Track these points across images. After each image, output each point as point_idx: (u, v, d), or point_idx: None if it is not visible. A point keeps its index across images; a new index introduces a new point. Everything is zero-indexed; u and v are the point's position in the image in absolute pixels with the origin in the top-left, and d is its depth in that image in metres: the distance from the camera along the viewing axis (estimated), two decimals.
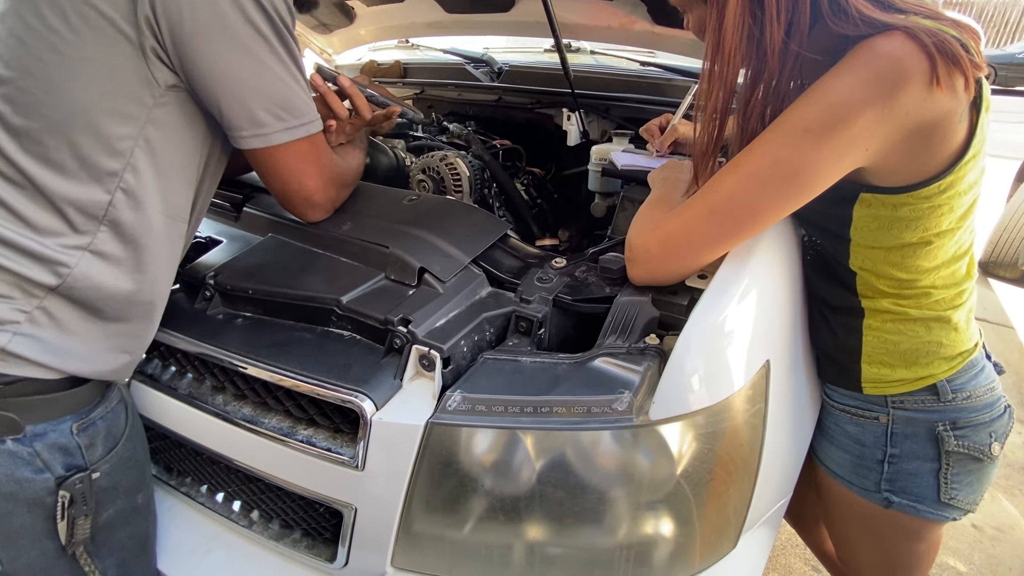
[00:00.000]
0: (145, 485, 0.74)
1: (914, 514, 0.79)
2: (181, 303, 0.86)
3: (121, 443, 0.69)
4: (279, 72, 0.68)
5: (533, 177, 1.47)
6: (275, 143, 0.70)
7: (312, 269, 0.83)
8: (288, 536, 0.78)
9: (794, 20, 0.61)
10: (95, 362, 0.65)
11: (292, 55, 0.69)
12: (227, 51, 0.64)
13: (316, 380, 0.68)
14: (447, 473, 0.64)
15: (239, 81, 0.65)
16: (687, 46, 1.38)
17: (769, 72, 0.64)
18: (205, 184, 0.74)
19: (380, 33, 1.83)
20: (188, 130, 0.68)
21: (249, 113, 0.67)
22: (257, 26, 0.64)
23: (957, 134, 0.61)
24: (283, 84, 0.69)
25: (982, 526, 1.67)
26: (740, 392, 0.65)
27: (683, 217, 0.68)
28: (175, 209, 0.69)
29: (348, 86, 0.89)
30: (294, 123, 0.71)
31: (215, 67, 0.64)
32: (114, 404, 0.69)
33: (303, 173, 0.77)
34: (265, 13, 0.64)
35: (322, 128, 0.76)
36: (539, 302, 0.75)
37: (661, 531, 0.65)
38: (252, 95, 0.67)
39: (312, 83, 0.87)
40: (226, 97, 0.66)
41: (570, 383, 0.64)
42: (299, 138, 0.72)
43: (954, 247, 0.71)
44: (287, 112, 0.70)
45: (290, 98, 0.70)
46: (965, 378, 0.75)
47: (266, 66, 0.66)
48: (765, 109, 0.66)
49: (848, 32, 0.60)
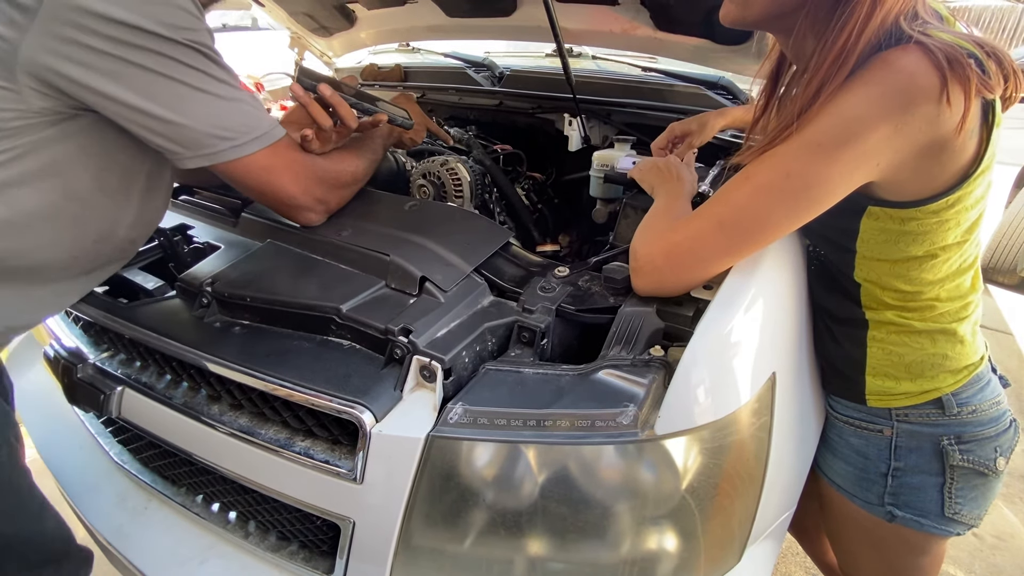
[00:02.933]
0: (3, 442, 0.72)
1: (918, 528, 0.78)
2: (178, 310, 0.85)
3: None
4: (214, 93, 0.67)
5: (534, 182, 1.46)
6: (223, 160, 0.70)
7: (311, 276, 0.82)
8: (285, 548, 0.77)
9: None
10: None
11: (222, 73, 0.69)
12: (149, 90, 0.64)
13: (314, 390, 0.67)
14: (448, 487, 0.63)
15: (171, 112, 0.65)
16: (689, 52, 1.37)
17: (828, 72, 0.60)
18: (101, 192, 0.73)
19: (381, 36, 1.82)
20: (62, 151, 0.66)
21: (189, 139, 0.67)
22: (174, 58, 0.64)
23: (967, 150, 0.61)
24: (219, 104, 0.68)
25: (982, 535, 1.66)
26: (746, 405, 0.64)
27: (690, 228, 0.67)
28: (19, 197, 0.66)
29: (329, 95, 0.86)
30: (241, 140, 0.71)
31: (134, 103, 0.64)
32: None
33: (276, 181, 0.77)
34: (176, 43, 0.64)
35: (282, 135, 0.76)
36: (542, 312, 0.74)
37: (665, 546, 0.64)
38: (188, 122, 0.66)
39: (292, 93, 0.86)
40: (159, 127, 0.66)
41: (573, 395, 0.63)
42: (254, 152, 0.72)
43: (959, 260, 0.70)
44: (229, 131, 0.70)
45: (231, 116, 0.70)
46: (971, 392, 0.74)
47: (197, 91, 0.66)
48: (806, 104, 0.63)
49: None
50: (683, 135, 1.08)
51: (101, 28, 0.60)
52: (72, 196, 0.70)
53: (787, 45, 0.71)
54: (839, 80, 0.60)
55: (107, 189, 0.73)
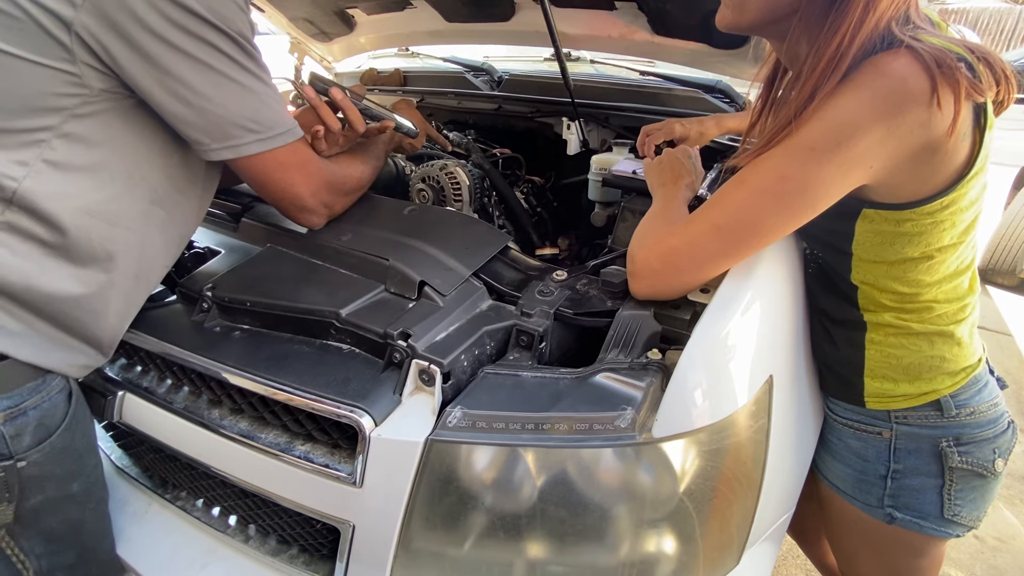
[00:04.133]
0: (83, 474, 0.73)
1: (917, 530, 0.78)
2: (178, 315, 0.85)
3: (57, 434, 0.67)
4: (248, 85, 0.68)
5: (533, 186, 1.46)
6: (247, 154, 0.71)
7: (311, 281, 0.83)
8: (285, 552, 0.77)
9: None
10: (28, 345, 0.64)
11: (257, 68, 0.70)
12: (187, 74, 0.64)
13: (314, 395, 0.67)
14: (447, 490, 0.63)
15: (203, 99, 0.66)
16: (686, 56, 1.38)
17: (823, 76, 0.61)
18: (177, 191, 0.74)
19: (380, 41, 1.83)
20: (129, 135, 0.67)
21: (217, 128, 0.68)
22: (216, 46, 0.65)
23: (960, 152, 0.61)
24: (252, 97, 0.69)
25: (983, 536, 1.66)
26: (743, 408, 0.65)
27: (687, 232, 0.68)
28: (114, 213, 0.67)
29: (340, 99, 0.88)
30: (267, 134, 0.72)
31: (175, 89, 0.64)
32: (54, 394, 0.67)
33: (289, 180, 0.78)
34: (221, 32, 0.65)
35: (301, 135, 0.77)
36: (540, 316, 0.74)
37: (664, 549, 0.64)
38: (219, 110, 0.67)
39: (304, 94, 0.88)
40: (190, 114, 0.66)
41: (572, 399, 0.63)
42: (276, 147, 0.73)
43: (956, 262, 0.71)
44: (258, 124, 0.70)
45: (260, 110, 0.70)
46: (969, 394, 0.74)
47: (232, 81, 0.67)
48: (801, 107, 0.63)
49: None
50: (681, 139, 1.09)
51: (157, 2, 0.61)
52: (157, 200, 0.71)
53: (781, 50, 0.72)
54: (833, 83, 0.60)
55: (181, 188, 0.74)
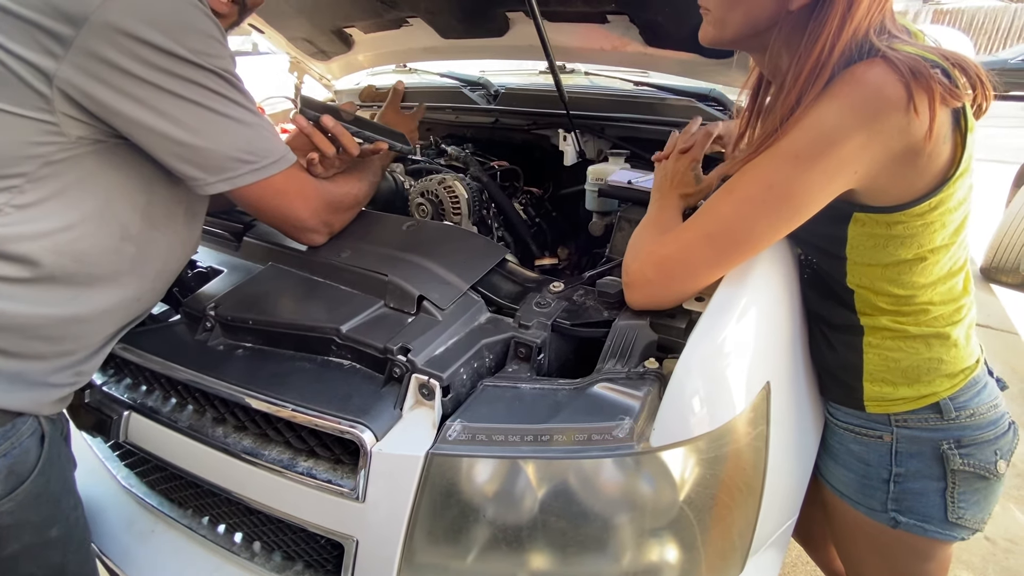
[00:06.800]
0: (61, 518, 0.72)
1: (922, 534, 0.78)
2: (182, 334, 0.86)
3: (29, 480, 0.66)
4: (237, 118, 0.69)
5: (531, 197, 1.48)
6: (243, 184, 0.72)
7: (312, 298, 0.84)
8: (290, 568, 0.77)
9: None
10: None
11: (244, 99, 0.71)
12: (177, 114, 0.65)
13: (316, 411, 0.68)
14: (448, 504, 0.64)
15: (196, 136, 0.67)
16: (678, 66, 1.39)
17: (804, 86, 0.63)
18: (151, 228, 0.74)
19: (378, 59, 1.86)
20: (101, 177, 0.67)
21: (211, 163, 0.69)
22: (202, 84, 0.66)
23: (942, 155, 0.63)
24: (243, 128, 0.70)
25: (995, 538, 1.64)
26: (741, 415, 0.65)
27: (679, 241, 0.69)
28: (82, 251, 0.67)
29: (332, 126, 0.87)
30: (261, 163, 0.73)
31: (166, 131, 0.65)
32: (24, 439, 0.66)
33: (287, 204, 0.79)
34: (205, 70, 0.66)
35: (295, 161, 0.78)
36: (538, 327, 0.75)
37: (666, 558, 0.64)
38: (212, 146, 0.68)
39: (296, 124, 0.88)
40: (184, 152, 0.67)
41: (570, 410, 0.64)
42: (271, 175, 0.74)
43: (949, 263, 0.71)
44: (251, 154, 0.72)
45: (253, 141, 0.72)
46: (968, 395, 0.74)
47: (222, 116, 0.68)
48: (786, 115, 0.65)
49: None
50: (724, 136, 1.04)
51: (138, 51, 0.61)
52: (127, 237, 0.71)
53: (763, 63, 0.73)
54: (815, 92, 0.62)
55: (157, 224, 0.74)
